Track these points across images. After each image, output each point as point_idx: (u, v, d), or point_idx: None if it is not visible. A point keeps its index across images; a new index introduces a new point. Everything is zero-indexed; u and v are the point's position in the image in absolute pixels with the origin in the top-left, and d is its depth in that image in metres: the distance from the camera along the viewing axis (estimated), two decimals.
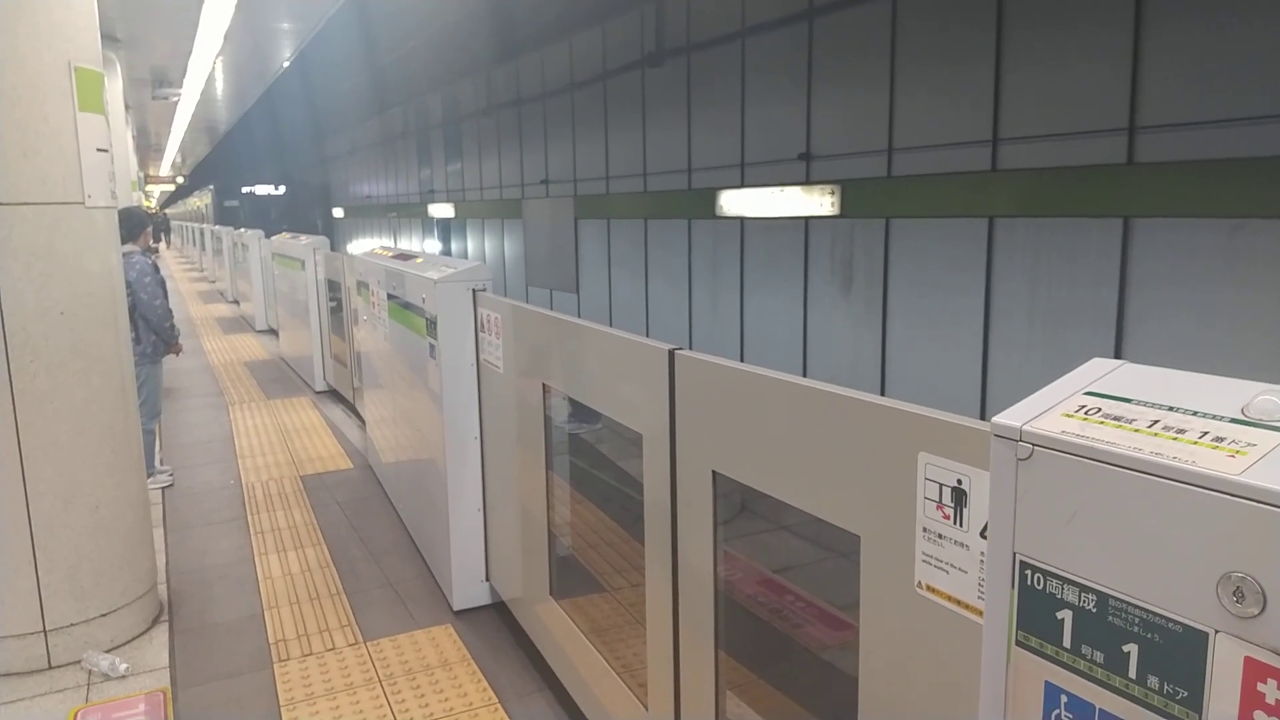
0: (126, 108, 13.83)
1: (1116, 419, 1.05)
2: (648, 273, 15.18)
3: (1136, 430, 1.01)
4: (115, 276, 3.54)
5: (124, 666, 3.28)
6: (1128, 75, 7.30)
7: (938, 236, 9.32)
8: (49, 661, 3.30)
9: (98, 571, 3.40)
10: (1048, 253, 8.16)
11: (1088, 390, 1.14)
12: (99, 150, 3.36)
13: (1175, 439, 0.97)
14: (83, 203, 3.28)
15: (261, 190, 37.63)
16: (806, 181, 10.95)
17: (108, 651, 3.36)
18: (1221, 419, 0.99)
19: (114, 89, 11.03)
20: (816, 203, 10.64)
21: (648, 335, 2.53)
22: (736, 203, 12.22)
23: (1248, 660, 0.87)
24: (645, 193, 14.83)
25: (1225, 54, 6.68)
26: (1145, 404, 1.06)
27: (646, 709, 2.44)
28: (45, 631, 3.29)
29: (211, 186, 37.98)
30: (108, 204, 3.44)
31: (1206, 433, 0.97)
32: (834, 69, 10.55)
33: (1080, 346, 7.67)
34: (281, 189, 38.07)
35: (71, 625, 3.34)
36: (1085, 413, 1.08)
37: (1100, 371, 1.19)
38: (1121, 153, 7.39)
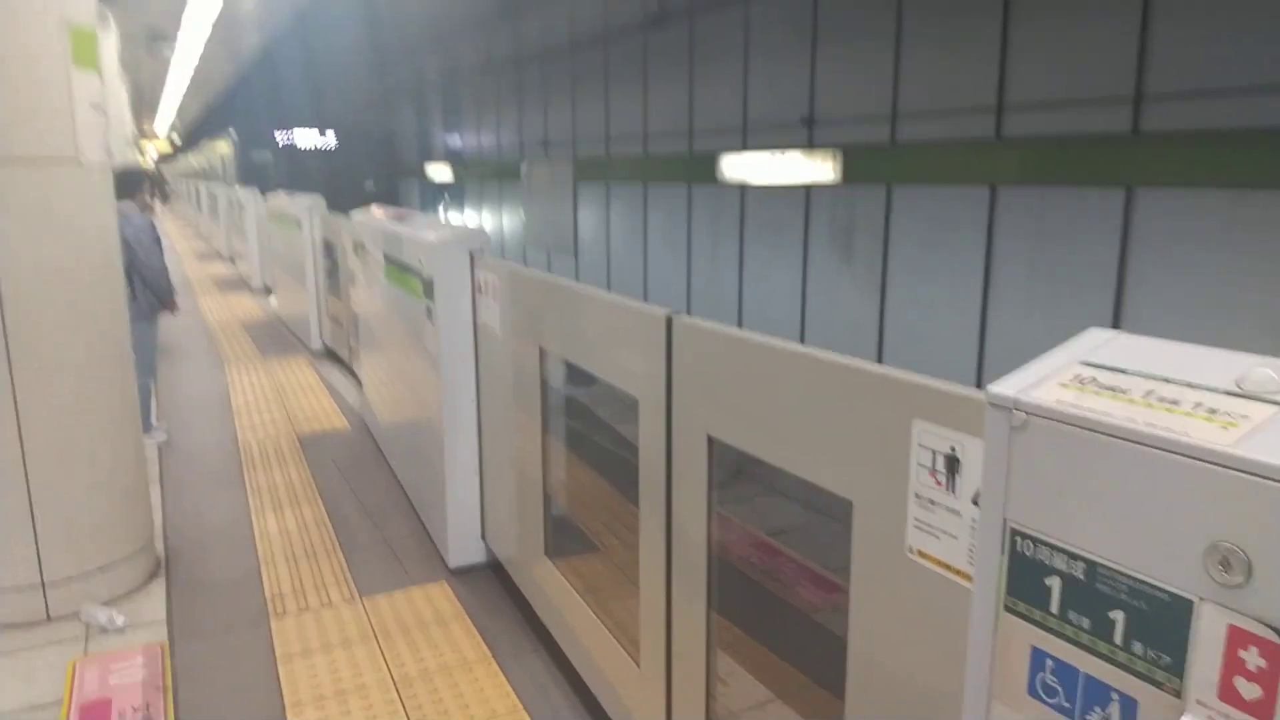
0: (122, 65, 13.63)
1: (1111, 389, 1.05)
2: (647, 236, 15.09)
3: (1131, 401, 1.01)
4: (110, 234, 3.52)
5: (122, 620, 3.31)
6: (1135, 41, 7.21)
7: (939, 204, 9.28)
8: (47, 614, 3.34)
9: (95, 526, 3.43)
10: (1050, 222, 8.13)
11: (1083, 360, 1.14)
12: (93, 107, 3.33)
13: (1169, 410, 0.98)
14: (77, 160, 3.25)
15: (304, 140, 27.51)
16: (809, 146, 10.86)
17: (105, 605, 3.40)
18: (1216, 391, 0.99)
19: (108, 45, 10.86)
20: (818, 168, 10.56)
21: (646, 299, 2.52)
22: (738, 167, 12.13)
23: (1231, 628, 0.88)
24: (646, 156, 14.69)
25: (1234, 22, 6.60)
26: (1140, 375, 1.07)
27: (638, 666, 2.48)
28: (43, 584, 3.32)
29: (231, 130, 27.46)
30: (102, 161, 3.41)
31: (1200, 404, 0.97)
32: (839, 33, 10.42)
33: (1078, 323, 7.67)
34: (330, 137, 27.39)
35: (69, 579, 3.37)
36: (1080, 383, 1.08)
37: (1096, 341, 1.19)
38: (1126, 122, 7.33)
